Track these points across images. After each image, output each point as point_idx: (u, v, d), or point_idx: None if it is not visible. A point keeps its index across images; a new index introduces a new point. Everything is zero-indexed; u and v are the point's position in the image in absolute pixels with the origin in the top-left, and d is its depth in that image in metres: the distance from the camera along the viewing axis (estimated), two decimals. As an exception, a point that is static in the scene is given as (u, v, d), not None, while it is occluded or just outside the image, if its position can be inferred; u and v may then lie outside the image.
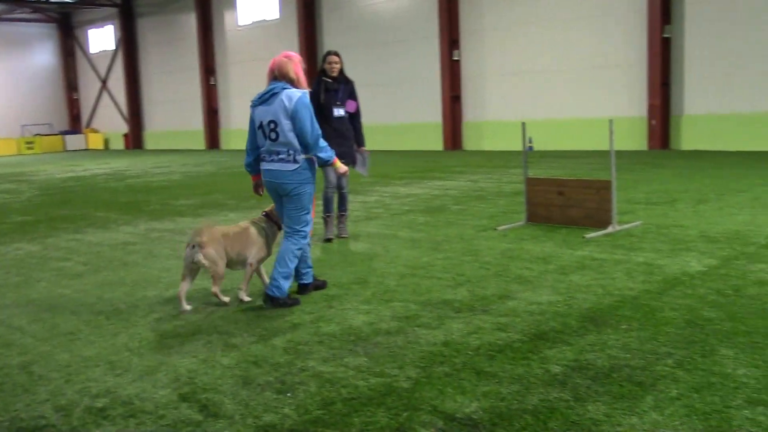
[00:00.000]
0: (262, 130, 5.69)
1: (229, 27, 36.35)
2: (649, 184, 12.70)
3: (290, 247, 5.71)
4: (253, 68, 35.30)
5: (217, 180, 18.10)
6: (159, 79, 41.18)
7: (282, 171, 5.64)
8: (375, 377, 4.01)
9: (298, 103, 5.53)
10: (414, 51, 28.62)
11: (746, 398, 3.50)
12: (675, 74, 22.23)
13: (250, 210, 11.61)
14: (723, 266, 6.23)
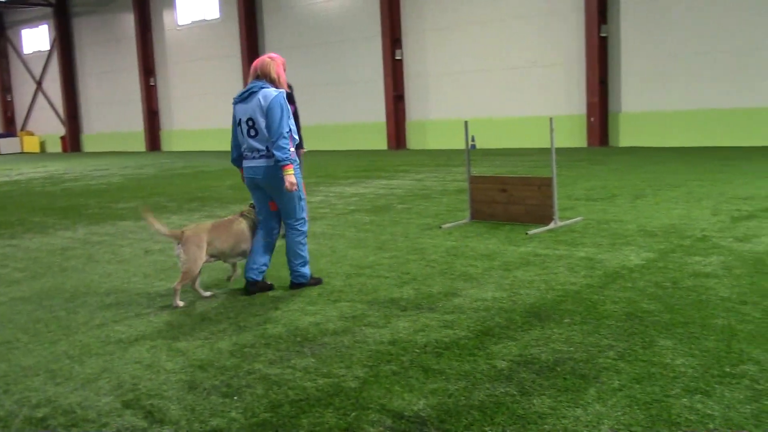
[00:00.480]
0: (241, 127, 5.88)
1: (168, 27, 35.77)
2: (589, 180, 12.96)
3: (295, 239, 6.02)
4: (193, 68, 34.83)
5: (158, 182, 17.80)
6: (97, 80, 40.28)
7: (261, 167, 5.83)
8: (322, 378, 4.00)
9: (273, 101, 5.69)
10: (357, 51, 28.63)
11: (684, 387, 3.60)
12: (612, 72, 22.73)
13: (192, 212, 11.46)
14: (661, 259, 6.40)
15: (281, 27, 30.94)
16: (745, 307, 4.84)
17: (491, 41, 25.12)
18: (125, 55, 37.75)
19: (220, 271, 6.88)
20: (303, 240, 6.05)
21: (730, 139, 20.47)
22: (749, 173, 12.76)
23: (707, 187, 11.07)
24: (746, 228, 7.63)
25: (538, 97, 24.27)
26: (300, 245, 6.02)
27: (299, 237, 6.02)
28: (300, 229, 6.03)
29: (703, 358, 3.98)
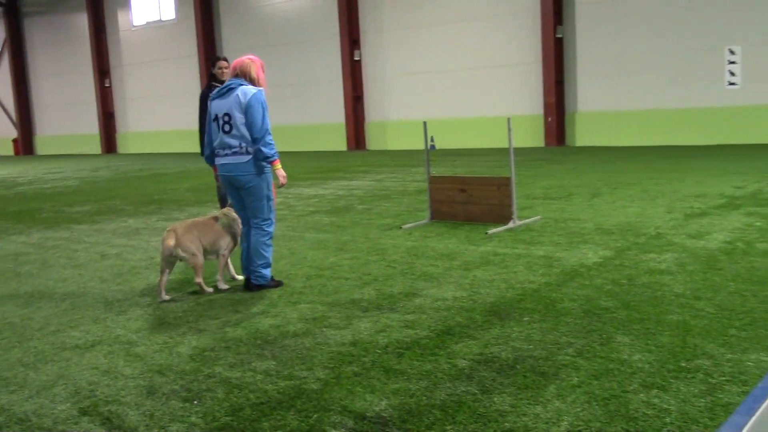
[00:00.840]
0: (217, 122, 5.88)
1: (123, 27, 35.27)
2: (547, 179, 13.11)
3: (260, 239, 5.99)
4: (150, 70, 34.38)
5: (114, 185, 17.53)
6: (50, 82, 39.52)
7: (235, 164, 5.84)
8: (284, 380, 3.98)
9: (253, 98, 5.75)
10: (315, 52, 28.55)
11: (642, 382, 3.66)
12: (568, 73, 23.04)
13: (149, 215, 11.31)
14: (617, 257, 6.50)
15: (239, 28, 30.72)
16: (698, 303, 4.94)
17: (449, 42, 25.27)
18: (79, 56, 37.12)
19: (182, 274, 6.80)
20: (268, 241, 6.03)
21: (683, 138, 20.90)
22: (701, 171, 13.03)
23: (662, 186, 11.28)
24: (699, 225, 7.79)
25: (496, 97, 24.48)
26: (264, 246, 6.00)
27: (264, 237, 6.00)
28: (266, 230, 6.01)
29: (659, 353, 4.05)
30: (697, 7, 20.42)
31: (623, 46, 21.80)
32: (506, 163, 8.68)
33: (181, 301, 5.87)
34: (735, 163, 14.27)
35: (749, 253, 6.32)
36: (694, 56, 20.65)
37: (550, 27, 22.51)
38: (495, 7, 24.06)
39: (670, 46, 20.97)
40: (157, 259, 7.71)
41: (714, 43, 20.28)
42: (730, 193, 10.10)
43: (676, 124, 21.15)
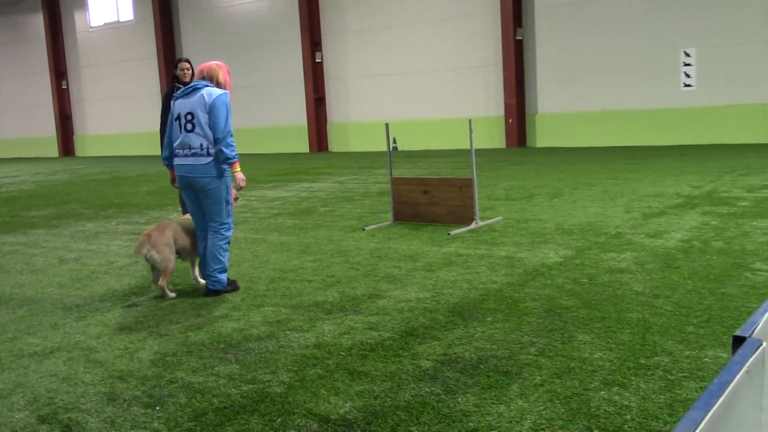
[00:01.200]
0: (179, 121, 5.83)
1: (80, 28, 34.73)
2: (508, 180, 13.22)
3: (216, 243, 5.93)
4: (108, 71, 33.92)
5: (72, 189, 17.24)
6: (4, 83, 38.75)
7: (195, 165, 5.79)
8: (247, 384, 3.95)
9: (217, 99, 5.74)
10: (276, 53, 28.44)
11: (602, 380, 3.71)
12: (528, 75, 23.28)
13: (108, 219, 11.15)
14: (578, 256, 6.58)
15: (198, 29, 30.45)
16: (657, 301, 5.03)
17: (411, 44, 25.37)
18: (35, 58, 36.46)
19: (143, 278, 6.72)
20: (225, 245, 5.97)
21: (641, 138, 21.26)
22: (658, 171, 13.27)
23: (620, 186, 11.45)
24: (657, 224, 7.92)
25: (457, 99, 24.63)
26: (221, 250, 5.94)
27: (221, 241, 5.94)
28: (223, 234, 5.95)
29: (620, 351, 4.11)
30: (653, 11, 20.79)
31: (582, 48, 22.10)
32: (468, 164, 8.73)
33: (141, 305, 5.80)
34: (691, 163, 14.56)
35: (706, 252, 6.45)
36: (651, 58, 21.03)
37: (510, 29, 22.73)
38: (456, 9, 24.21)
39: (628, 48, 21.32)
40: (117, 263, 7.61)
41: (669, 45, 20.67)
42: (687, 192, 10.30)
43: (634, 125, 21.51)
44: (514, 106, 23.06)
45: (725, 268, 5.84)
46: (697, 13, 20.18)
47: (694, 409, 1.28)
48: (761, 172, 12.43)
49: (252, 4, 28.79)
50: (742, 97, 19.90)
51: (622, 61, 21.46)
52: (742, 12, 19.60)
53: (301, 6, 26.94)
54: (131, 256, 7.97)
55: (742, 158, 15.21)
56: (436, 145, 24.90)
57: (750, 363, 1.54)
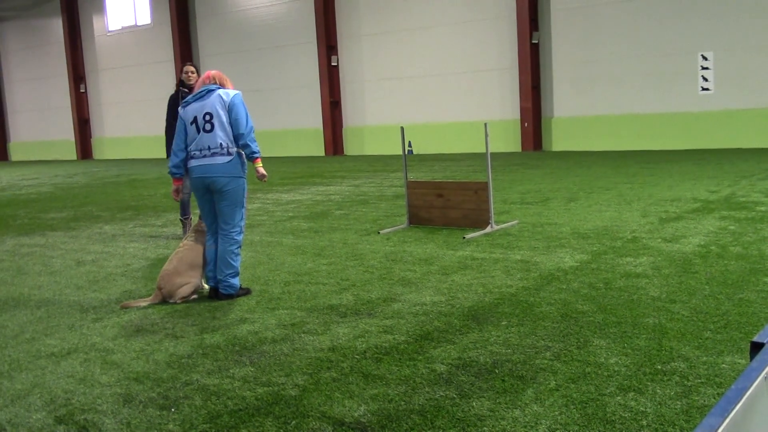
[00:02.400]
0: (196, 124, 5.82)
1: (98, 32, 35.02)
2: (524, 184, 13.18)
3: (228, 248, 5.93)
4: (125, 75, 34.17)
5: (90, 191, 17.37)
6: (24, 87, 39.12)
7: (214, 165, 5.79)
8: (262, 387, 3.96)
9: (235, 98, 5.84)
10: (292, 57, 28.53)
11: (618, 385, 3.69)
12: (544, 78, 23.21)
13: (125, 221, 11.22)
14: (594, 261, 6.54)
15: (215, 33, 30.61)
16: (674, 306, 4.99)
17: (426, 47, 25.37)
18: (54, 62, 36.80)
19: (154, 281, 6.76)
20: (237, 250, 5.97)
21: (657, 142, 21.13)
22: (675, 176, 13.18)
23: (636, 190, 11.39)
24: (674, 229, 7.87)
25: (473, 102, 24.60)
26: (233, 255, 5.93)
27: (233, 246, 5.94)
28: (235, 238, 5.95)
29: (636, 356, 4.08)
30: (670, 14, 20.67)
31: (598, 51, 22.01)
32: (483, 167, 8.72)
33: (157, 307, 5.83)
34: (708, 168, 14.45)
35: (723, 257, 6.40)
36: (668, 62, 20.90)
37: (526, 33, 22.68)
38: (472, 12, 24.19)
39: (644, 52, 21.20)
40: (134, 265, 7.65)
41: (687, 49, 20.54)
42: (704, 197, 10.22)
43: (651, 129, 21.38)
44: (530, 110, 23.00)
45: (743, 273, 5.78)
46: (714, 17, 20.04)
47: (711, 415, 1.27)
48: (780, 176, 12.31)
49: (268, 8, 28.91)
50: (760, 101, 19.74)
51: (638, 64, 21.34)
52: (759, 16, 19.44)
53: (317, 10, 27.02)
54: (148, 258, 8.02)
55: (759, 162, 15.07)
56: (451, 148, 24.87)
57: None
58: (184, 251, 6.10)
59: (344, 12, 27.14)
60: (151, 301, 5.93)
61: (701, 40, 20.31)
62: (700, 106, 20.60)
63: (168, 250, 8.41)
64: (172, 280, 5.92)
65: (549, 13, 22.73)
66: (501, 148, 23.55)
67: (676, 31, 20.63)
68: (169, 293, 5.90)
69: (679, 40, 20.62)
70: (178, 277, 5.93)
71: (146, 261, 7.87)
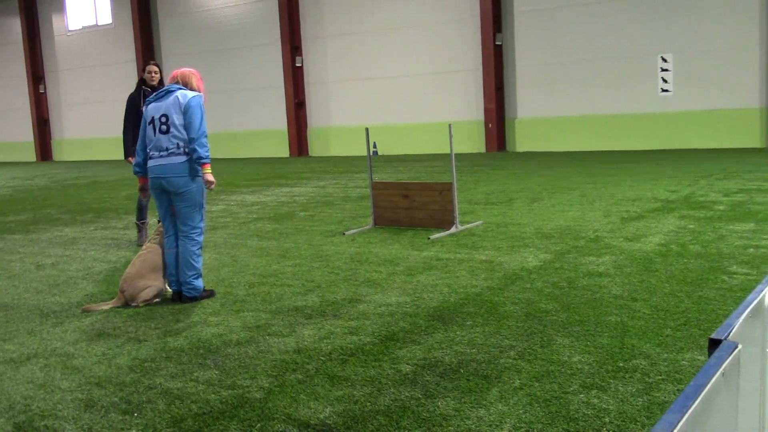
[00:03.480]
0: (153, 124, 5.80)
1: (58, 32, 34.44)
2: (488, 184, 13.26)
3: (189, 249, 5.87)
4: (86, 75, 33.66)
5: (50, 194, 17.07)
6: (-19, 88, 38.30)
7: (171, 164, 5.75)
8: (226, 390, 3.93)
9: (192, 101, 5.77)
10: (256, 57, 28.37)
11: (581, 383, 3.73)
12: (508, 80, 23.40)
13: (86, 224, 11.05)
14: (557, 260, 6.61)
15: (178, 33, 30.31)
16: (635, 304, 5.06)
17: (391, 48, 25.41)
18: (12, 62, 36.08)
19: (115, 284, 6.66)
20: (198, 251, 5.92)
21: (619, 143, 21.43)
22: (636, 176, 13.37)
23: (599, 190, 11.53)
24: (635, 228, 7.98)
25: (437, 103, 24.69)
26: (194, 255, 5.88)
27: (194, 247, 5.89)
28: (196, 239, 5.90)
29: (598, 354, 4.13)
30: (631, 17, 20.98)
31: (561, 53, 22.25)
32: (448, 168, 8.75)
33: (120, 311, 5.75)
34: (668, 168, 14.69)
35: (683, 255, 6.51)
36: (629, 64, 21.21)
37: (489, 34, 22.84)
38: (436, 14, 24.29)
39: (606, 53, 21.49)
40: (95, 268, 7.54)
41: (647, 51, 20.87)
42: (665, 196, 10.39)
43: (612, 129, 21.67)
44: (494, 111, 23.16)
45: (702, 271, 5.89)
46: (674, 20, 20.39)
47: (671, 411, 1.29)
48: (737, 176, 12.57)
49: (232, 9, 28.71)
50: (718, 102, 20.12)
51: (600, 66, 21.62)
52: (718, 19, 19.82)
53: (281, 10, 26.90)
54: (110, 261, 7.91)
55: (718, 162, 15.37)
56: (416, 149, 24.94)
57: (726, 365, 1.55)
58: (146, 254, 6.03)
59: (309, 13, 27.06)
60: (113, 304, 5.84)
61: (661, 43, 20.65)
62: (660, 107, 20.94)
63: (130, 252, 8.31)
64: (135, 283, 5.84)
65: (512, 16, 22.91)
66: (465, 148, 23.68)
67: (637, 34, 20.94)
68: (131, 296, 5.83)
69: (639, 42, 20.94)
70: (140, 280, 5.86)
71: (108, 264, 7.76)
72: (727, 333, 1.68)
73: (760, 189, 10.67)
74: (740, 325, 1.75)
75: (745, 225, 7.83)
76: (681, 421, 1.26)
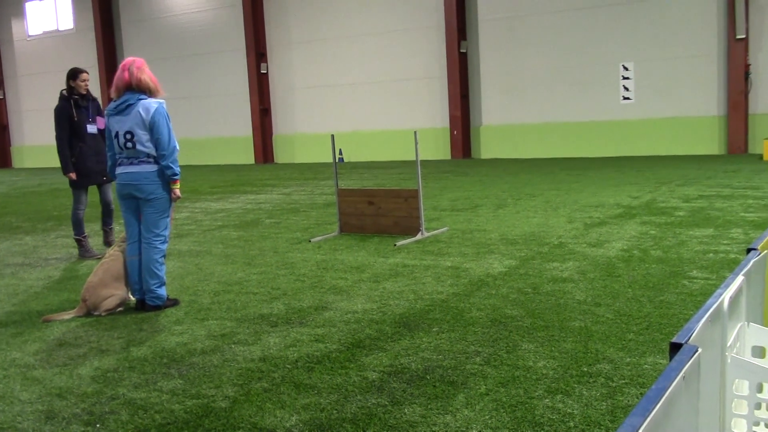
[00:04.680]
0: (117, 139, 5.71)
1: (17, 37, 33.90)
2: (454, 191, 13.33)
3: (152, 257, 5.79)
4: (47, 81, 33.16)
5: (9, 201, 16.76)
6: (-63, 93, 37.49)
7: (141, 172, 5.69)
8: (191, 399, 3.89)
9: (156, 114, 5.63)
10: (221, 64, 28.20)
11: (546, 388, 3.76)
12: (473, 87, 23.58)
13: (47, 232, 10.86)
14: (522, 266, 6.66)
15: (141, 38, 30.02)
16: (599, 309, 5.12)
17: (357, 56, 25.45)
18: (-30, 67, 35.41)
19: (78, 293, 6.56)
20: (161, 259, 5.86)
21: (582, 150, 21.71)
22: (599, 182, 13.55)
23: (562, 196, 11.66)
24: (598, 234, 8.08)
25: (403, 111, 24.78)
26: (157, 264, 5.82)
27: (157, 255, 5.82)
28: (159, 247, 5.83)
29: (563, 359, 4.17)
30: (594, 25, 21.29)
31: (525, 61, 22.48)
32: (413, 175, 8.78)
33: (82, 320, 5.66)
34: (630, 174, 14.91)
35: (645, 260, 6.60)
36: (591, 72, 21.51)
37: (454, 42, 23.00)
38: (401, 22, 24.39)
39: (569, 62, 21.77)
40: (56, 277, 7.42)
41: (609, 59, 21.19)
42: (627, 203, 10.54)
43: (575, 136, 21.95)
44: (459, 118, 23.31)
45: (663, 276, 5.98)
46: (635, 29, 20.73)
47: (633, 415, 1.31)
48: (696, 182, 12.81)
49: (196, 15, 28.52)
50: (679, 109, 20.50)
51: (563, 74, 21.89)
52: (678, 28, 20.20)
53: (246, 17, 26.80)
54: (71, 269, 7.79)
55: (678, 169, 15.64)
56: (381, 156, 24.98)
57: (686, 369, 1.58)
58: (109, 262, 5.95)
59: (274, 19, 26.99)
60: (75, 313, 5.75)
61: (622, 51, 20.98)
62: (622, 115, 21.26)
63: (92, 261, 8.19)
64: (97, 291, 5.76)
65: (476, 24, 23.11)
66: (431, 155, 23.78)
67: (599, 42, 21.25)
68: (94, 305, 5.74)
69: (601, 50, 21.25)
70: (103, 289, 5.78)
71: (69, 272, 7.64)
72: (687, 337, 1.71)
73: (719, 195, 10.88)
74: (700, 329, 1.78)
75: (705, 230, 7.97)
76: (643, 425, 1.28)
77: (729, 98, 19.80)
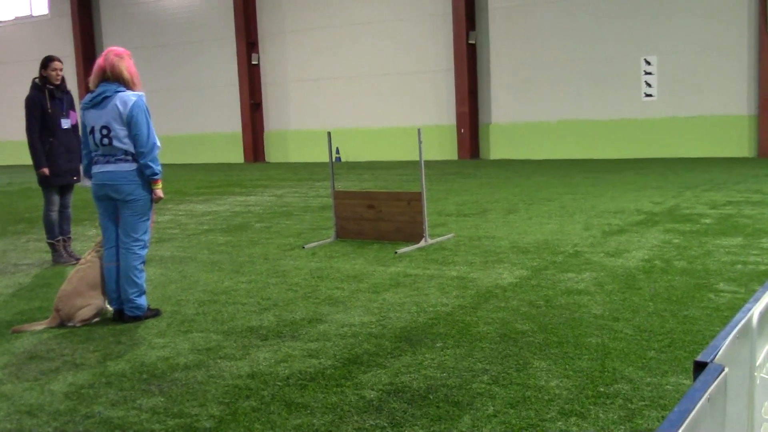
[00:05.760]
0: (93, 135, 5.72)
1: (-13, 23, 33.96)
2: (460, 194, 13.35)
3: (131, 264, 5.80)
4: (19, 71, 33.17)
5: (-23, 201, 16.77)
6: None
7: (119, 171, 5.69)
8: (173, 418, 3.89)
9: (134, 108, 5.63)
10: (208, 54, 28.24)
11: (559, 410, 3.76)
12: (482, 82, 23.60)
13: (18, 235, 10.88)
14: (534, 277, 6.67)
15: (122, 25, 30.07)
16: (617, 324, 5.13)
17: (356, 46, 25.48)
18: (-65, 55, 35.46)
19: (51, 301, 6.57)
20: (140, 266, 5.86)
21: (601, 151, 21.71)
22: (618, 186, 13.57)
23: (579, 201, 11.67)
24: (617, 243, 8.09)
25: (406, 106, 24.81)
26: (136, 271, 5.82)
27: (136, 261, 5.82)
28: (138, 252, 5.83)
29: (578, 378, 4.17)
30: (613, 15, 21.31)
31: (538, 54, 22.51)
32: (417, 176, 8.80)
33: (54, 331, 5.66)
34: (652, 178, 14.93)
35: (667, 272, 6.61)
36: (610, 66, 21.53)
37: (462, 32, 23.02)
38: (405, 9, 24.43)
39: (586, 55, 21.79)
40: (27, 284, 7.42)
41: (630, 52, 21.20)
42: (648, 209, 10.55)
43: (592, 136, 21.96)
44: (467, 115, 23.33)
45: (688, 289, 5.99)
46: (658, 19, 20.75)
47: (654, 439, 1.31)
48: (724, 187, 12.82)
49: (181, 0, 28.57)
50: (705, 108, 20.52)
51: (580, 68, 21.92)
52: (705, 18, 20.23)
53: (236, 2, 26.84)
54: (44, 276, 7.80)
55: (704, 173, 15.66)
56: (382, 155, 25.00)
57: (711, 390, 1.58)
58: (85, 269, 5.96)
59: (266, 6, 27.03)
60: (47, 324, 5.76)
61: (645, 44, 21.00)
62: (644, 113, 21.28)
63: (67, 267, 8.20)
64: (72, 301, 5.77)
65: (487, 12, 23.15)
66: (436, 155, 23.80)
67: (619, 34, 21.28)
68: (67, 315, 5.75)
69: (621, 43, 21.27)
70: (78, 298, 5.78)
71: (42, 279, 7.64)
72: (713, 355, 1.71)
73: (749, 201, 10.89)
74: (727, 347, 1.79)
75: (733, 240, 7.98)
76: (664, 450, 1.28)
77: (760, 96, 19.83)
